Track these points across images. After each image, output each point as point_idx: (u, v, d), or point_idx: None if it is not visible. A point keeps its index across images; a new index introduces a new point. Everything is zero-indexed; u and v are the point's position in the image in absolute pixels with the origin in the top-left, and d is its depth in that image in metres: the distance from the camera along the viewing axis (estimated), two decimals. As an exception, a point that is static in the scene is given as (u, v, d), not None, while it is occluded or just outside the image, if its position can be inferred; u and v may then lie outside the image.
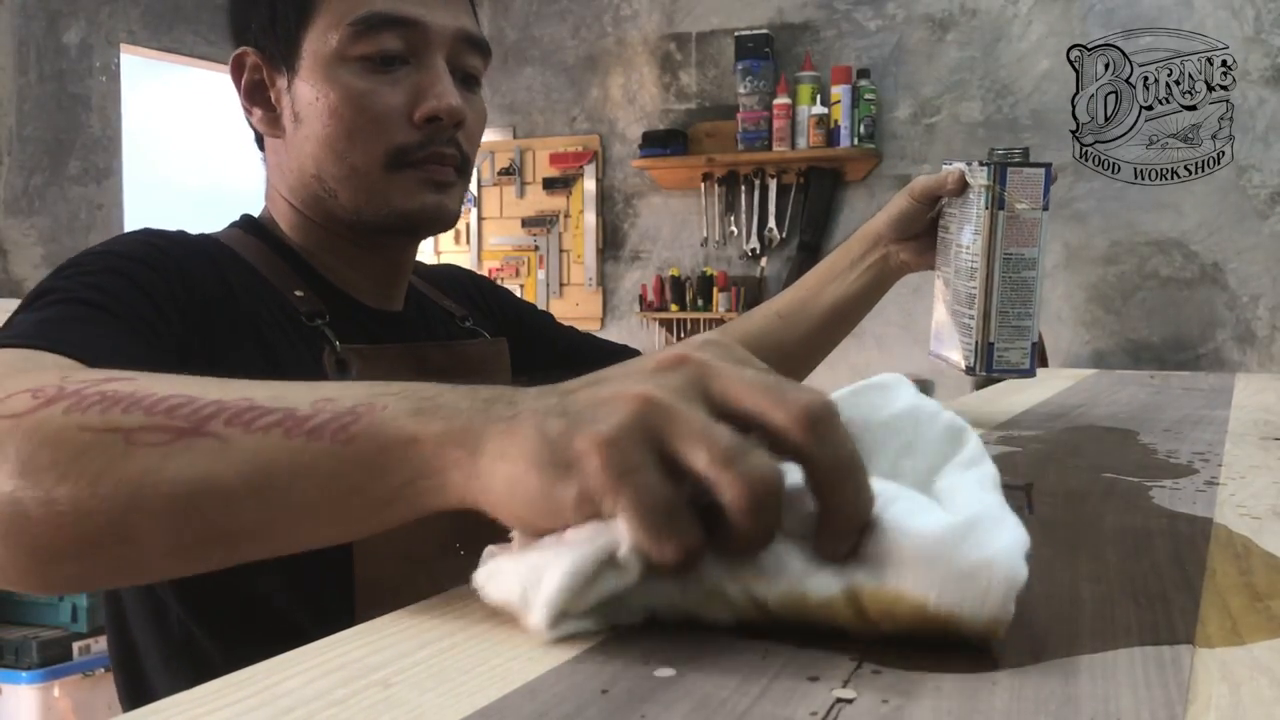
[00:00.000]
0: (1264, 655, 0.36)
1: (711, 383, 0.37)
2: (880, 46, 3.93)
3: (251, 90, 0.86)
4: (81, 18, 3.45)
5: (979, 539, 0.34)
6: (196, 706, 0.31)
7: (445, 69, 0.83)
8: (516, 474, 0.36)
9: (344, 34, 0.80)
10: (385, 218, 0.83)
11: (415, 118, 0.82)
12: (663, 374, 0.37)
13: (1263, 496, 0.66)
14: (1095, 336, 3.71)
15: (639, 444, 0.35)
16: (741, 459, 0.34)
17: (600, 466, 0.34)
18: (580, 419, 0.36)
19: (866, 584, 0.35)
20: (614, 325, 4.44)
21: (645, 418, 0.35)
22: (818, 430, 0.35)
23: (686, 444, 0.35)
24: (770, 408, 0.36)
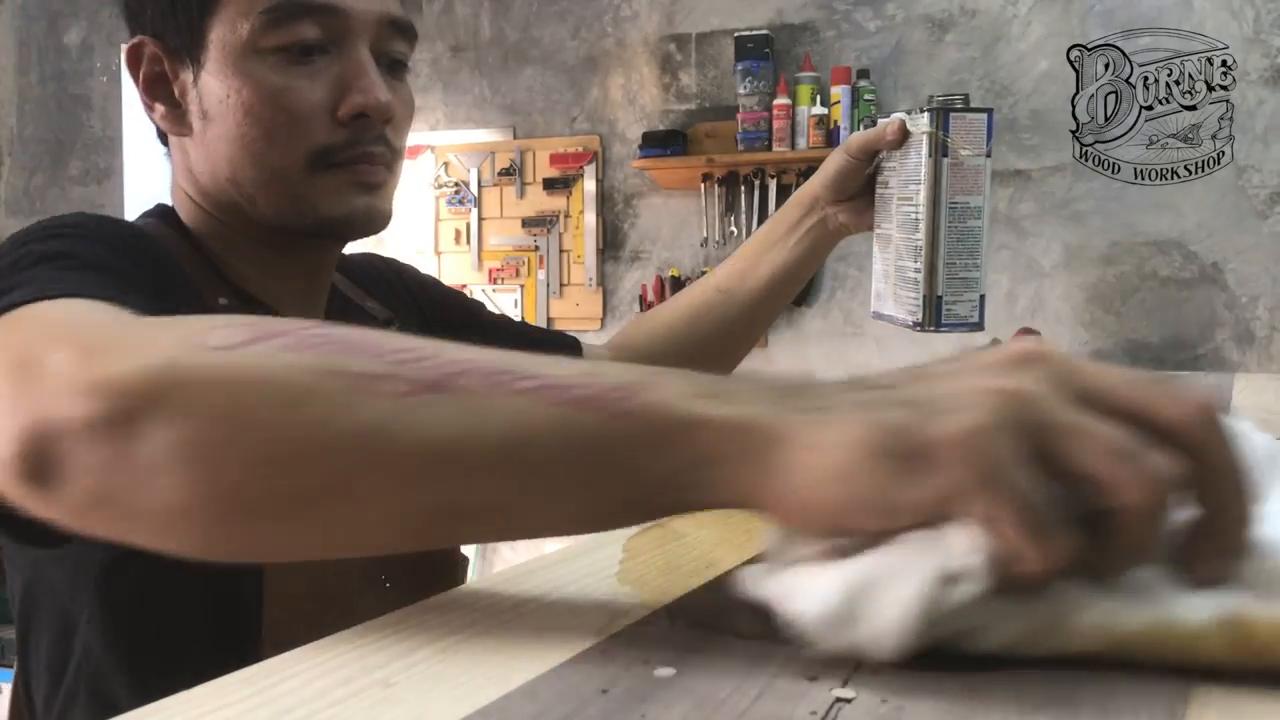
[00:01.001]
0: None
1: (1079, 379, 0.32)
2: (880, 47, 3.93)
3: (151, 83, 0.78)
4: (82, 18, 3.45)
5: None
6: (196, 706, 0.31)
7: (370, 59, 0.76)
8: (841, 465, 0.31)
9: (255, 22, 0.73)
10: (311, 224, 0.77)
11: (340, 114, 0.75)
12: (1019, 368, 0.33)
13: (1262, 497, 0.66)
14: (1095, 337, 3.71)
15: (1013, 438, 0.30)
16: (1141, 456, 0.30)
17: (968, 461, 0.30)
18: (934, 408, 0.31)
19: (1255, 610, 0.31)
20: (614, 325, 4.44)
21: (1017, 409, 0.31)
22: (1214, 425, 0.32)
23: (1071, 440, 0.30)
24: (1159, 403, 0.32)
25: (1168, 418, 0.32)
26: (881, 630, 0.31)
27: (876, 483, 0.31)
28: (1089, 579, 0.32)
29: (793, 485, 0.32)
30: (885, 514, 0.31)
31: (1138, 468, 0.30)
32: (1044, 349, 0.34)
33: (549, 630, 0.38)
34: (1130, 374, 0.33)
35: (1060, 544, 0.30)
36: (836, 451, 0.32)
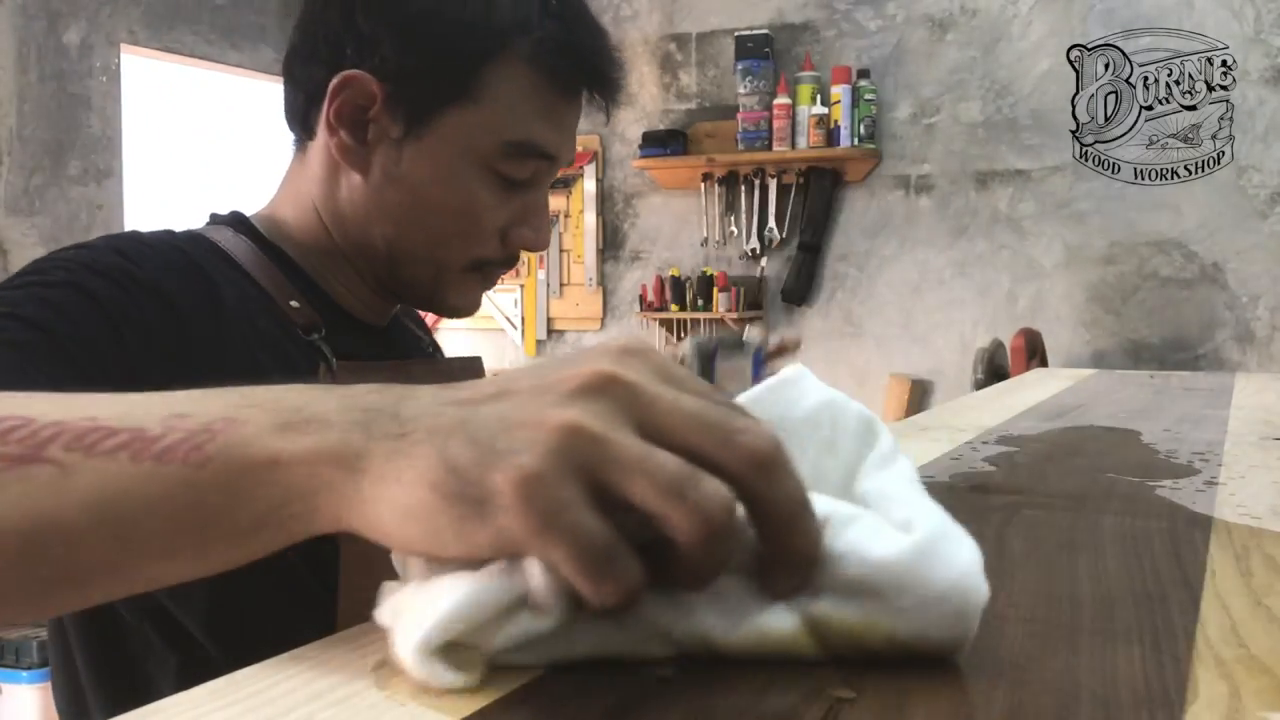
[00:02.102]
0: (1263, 655, 0.36)
1: (644, 411, 0.33)
2: (880, 46, 3.93)
3: (348, 113, 0.79)
4: (82, 18, 3.45)
5: (942, 560, 0.33)
6: (196, 706, 0.31)
7: (548, 198, 0.85)
8: (415, 502, 0.32)
9: (495, 144, 0.79)
10: (427, 302, 0.86)
11: (508, 239, 0.83)
12: (585, 396, 0.33)
13: (1262, 496, 0.66)
14: (1095, 336, 3.71)
15: (567, 479, 0.31)
16: (692, 487, 0.31)
17: (523, 507, 0.30)
18: (493, 447, 0.31)
19: (831, 615, 0.33)
20: (614, 325, 4.44)
21: (570, 448, 0.31)
22: (768, 473, 0.33)
23: (624, 475, 0.31)
24: (714, 447, 0.32)
25: (721, 463, 0.32)
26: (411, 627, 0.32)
27: (445, 523, 0.32)
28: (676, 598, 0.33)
29: (376, 517, 0.33)
30: (458, 553, 0.32)
31: (687, 501, 0.31)
32: (615, 372, 0.33)
33: (549, 630, 0.38)
34: (697, 406, 0.33)
35: (619, 578, 0.31)
36: (407, 490, 0.32)
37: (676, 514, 0.31)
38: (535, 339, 4.54)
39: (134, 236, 0.76)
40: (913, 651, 0.33)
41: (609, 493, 0.31)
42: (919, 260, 3.90)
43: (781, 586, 0.33)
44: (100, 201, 3.50)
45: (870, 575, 0.33)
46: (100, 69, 3.51)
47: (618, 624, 0.33)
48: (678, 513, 0.31)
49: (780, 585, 0.33)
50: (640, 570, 0.32)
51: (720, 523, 0.31)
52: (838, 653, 0.34)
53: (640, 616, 0.33)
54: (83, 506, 0.35)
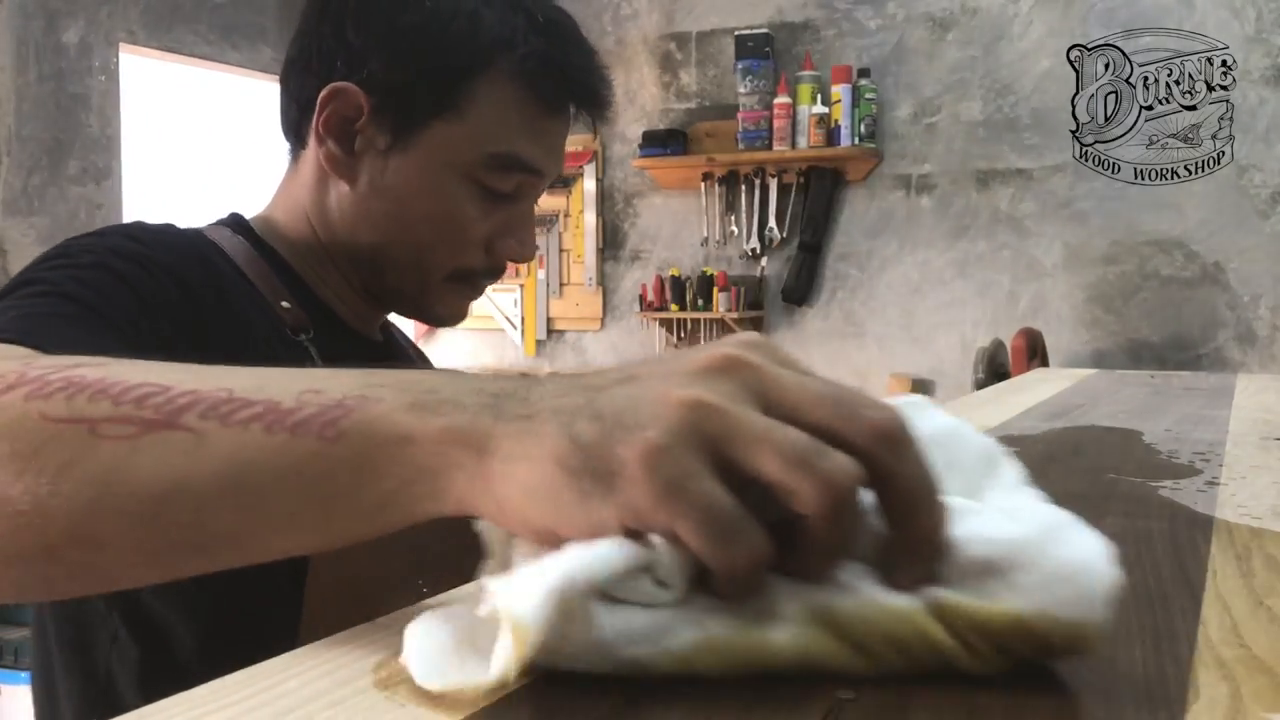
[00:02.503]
0: (1265, 656, 0.36)
1: (769, 389, 0.33)
2: (880, 46, 3.93)
3: (336, 124, 0.81)
4: (81, 17, 3.45)
5: (1069, 541, 0.32)
6: (196, 707, 0.31)
7: (533, 211, 0.87)
8: (541, 479, 0.32)
9: (479, 156, 0.80)
10: (412, 310, 0.87)
11: (493, 250, 0.84)
12: (711, 376, 0.33)
13: (1264, 497, 0.66)
14: (1096, 336, 3.71)
15: (692, 450, 0.31)
16: (819, 458, 0.31)
17: (648, 478, 0.31)
18: (619, 422, 0.32)
19: (951, 599, 0.32)
20: (614, 325, 4.44)
21: (698, 421, 0.31)
22: (895, 448, 0.32)
23: (751, 449, 0.31)
24: (842, 422, 0.32)
25: (848, 438, 0.32)
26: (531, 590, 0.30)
27: (570, 499, 0.32)
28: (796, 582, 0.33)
29: (502, 497, 0.33)
30: (582, 528, 0.32)
31: (816, 473, 0.31)
32: (738, 354, 0.34)
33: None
34: (823, 387, 0.33)
35: (746, 547, 0.31)
36: (534, 466, 0.32)
37: (803, 485, 0.31)
38: (535, 339, 4.54)
39: (143, 226, 0.77)
40: (1043, 639, 0.31)
41: (735, 468, 0.31)
42: (919, 260, 3.90)
43: (906, 573, 0.33)
44: (99, 201, 3.50)
45: (994, 554, 0.32)
46: (99, 69, 3.51)
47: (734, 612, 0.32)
48: (805, 484, 0.31)
49: (905, 571, 0.33)
50: (767, 541, 0.31)
51: (847, 494, 0.31)
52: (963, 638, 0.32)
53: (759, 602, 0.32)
54: (214, 474, 0.36)
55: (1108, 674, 0.34)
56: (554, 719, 0.30)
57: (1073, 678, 0.33)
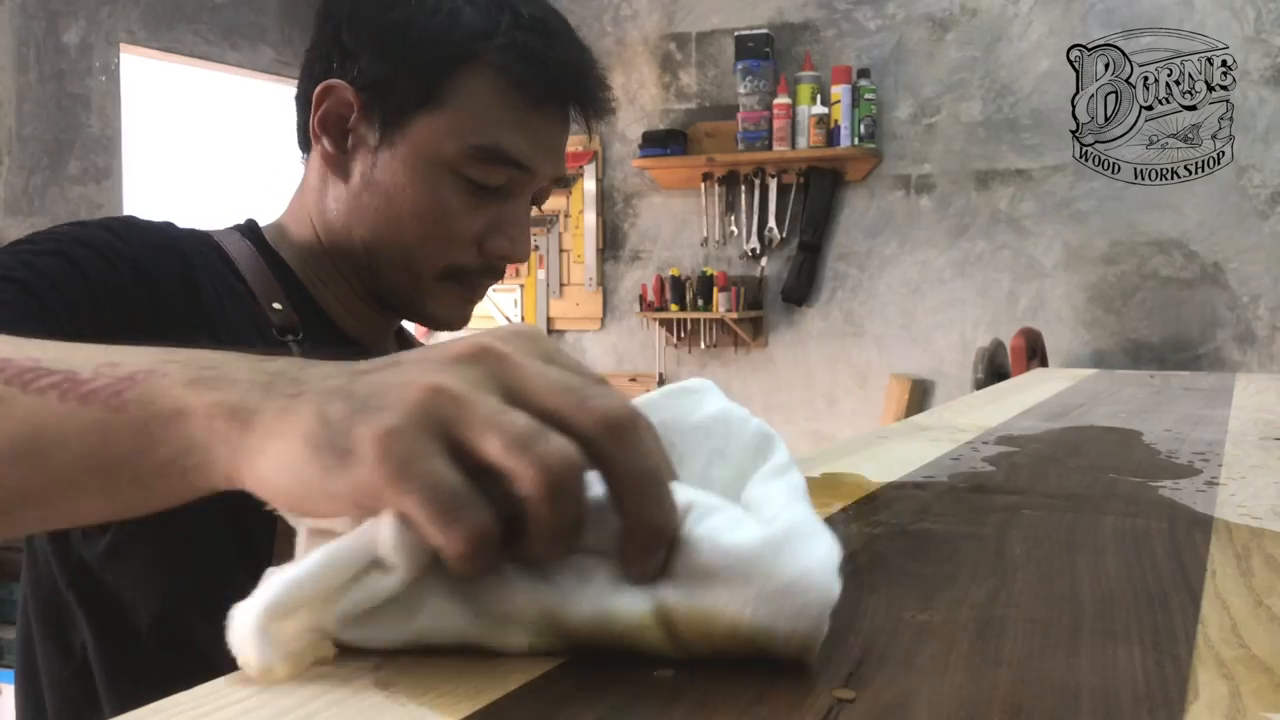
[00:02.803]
0: (1264, 655, 0.36)
1: (510, 377, 0.35)
2: (880, 46, 3.93)
3: (330, 121, 0.84)
4: (81, 17, 3.45)
5: (794, 553, 0.32)
6: (196, 706, 0.31)
7: (528, 210, 0.86)
8: (288, 454, 0.34)
9: (463, 149, 0.81)
10: (413, 315, 0.87)
11: (485, 249, 0.84)
12: (459, 364, 0.35)
13: (1263, 496, 0.66)
14: (1095, 336, 3.71)
15: (424, 433, 0.32)
16: (538, 441, 0.32)
17: (380, 456, 0.32)
18: (365, 404, 0.33)
19: (678, 603, 0.33)
20: (614, 325, 4.44)
21: (433, 407, 0.33)
22: (620, 436, 0.33)
23: (477, 431, 0.33)
24: (569, 409, 0.34)
25: (574, 424, 0.33)
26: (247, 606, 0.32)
27: (312, 473, 0.33)
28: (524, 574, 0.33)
29: (260, 470, 0.35)
30: (324, 501, 0.33)
31: (533, 455, 0.32)
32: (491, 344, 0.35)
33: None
34: (559, 376, 0.35)
35: (470, 523, 0.32)
36: (285, 442, 0.34)
37: (519, 466, 0.32)
38: (535, 339, 4.54)
39: (128, 219, 0.79)
40: (761, 647, 0.32)
41: (466, 451, 0.33)
42: (919, 260, 3.90)
43: (634, 562, 0.33)
44: (100, 201, 3.50)
45: (720, 562, 0.32)
46: (100, 69, 3.51)
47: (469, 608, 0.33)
48: (521, 465, 0.32)
49: (633, 560, 0.33)
50: (491, 519, 0.32)
51: (563, 477, 0.32)
52: (686, 645, 0.33)
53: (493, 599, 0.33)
54: (8, 436, 0.38)
55: (1107, 674, 0.34)
56: (555, 718, 0.30)
57: (1073, 678, 0.33)
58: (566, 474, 0.32)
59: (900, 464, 0.76)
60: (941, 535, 0.54)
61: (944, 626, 0.38)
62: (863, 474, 0.71)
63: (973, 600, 0.42)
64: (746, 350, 4.19)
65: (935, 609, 0.41)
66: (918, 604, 0.41)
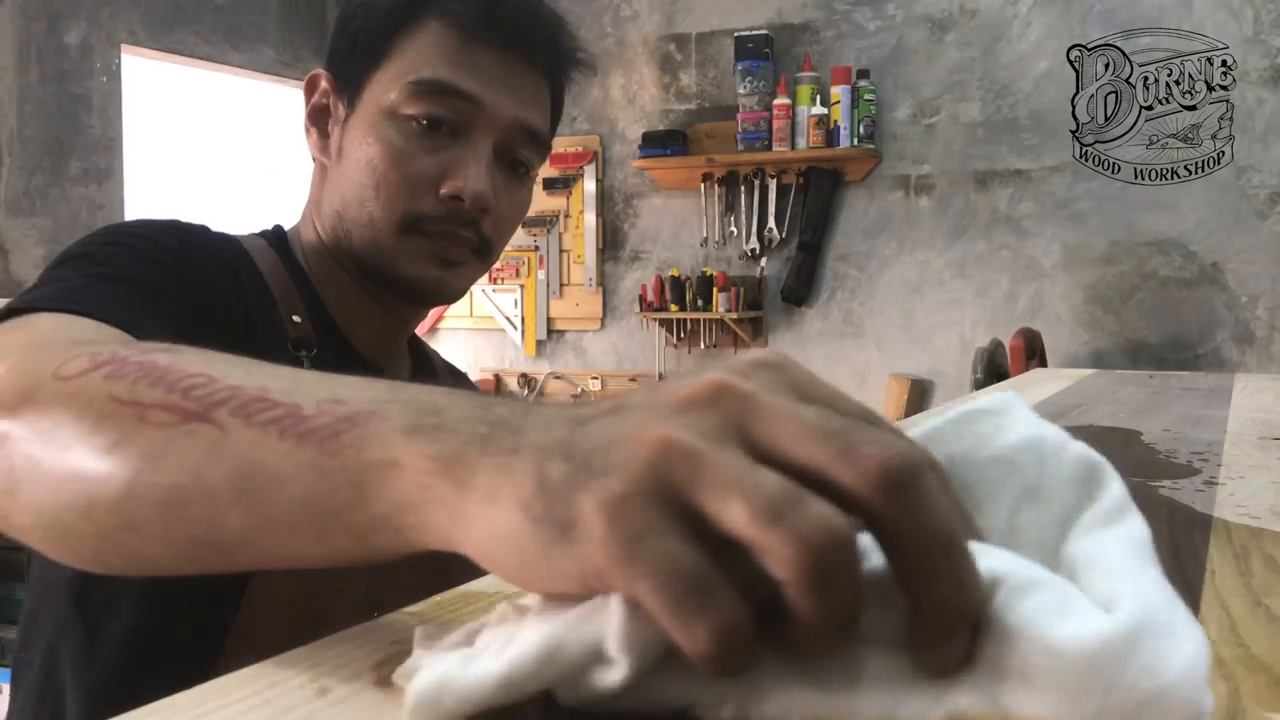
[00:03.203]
0: (1263, 655, 0.36)
1: (756, 423, 0.29)
2: (880, 47, 3.93)
3: (316, 113, 0.87)
4: (83, 18, 3.45)
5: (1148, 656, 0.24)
6: (196, 706, 0.31)
7: (487, 152, 0.83)
8: (506, 525, 0.29)
9: (403, 91, 0.81)
10: (387, 277, 0.85)
11: (440, 191, 0.82)
12: (692, 409, 0.29)
13: (1262, 496, 0.66)
14: (1094, 336, 3.71)
15: (656, 501, 0.27)
16: (794, 508, 0.26)
17: (606, 532, 0.27)
18: (588, 465, 0.28)
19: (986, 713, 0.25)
20: (614, 325, 4.44)
21: (664, 467, 0.27)
22: (901, 493, 0.26)
23: (719, 497, 0.27)
24: (833, 461, 0.27)
25: (841, 481, 0.27)
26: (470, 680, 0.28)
27: (532, 549, 0.29)
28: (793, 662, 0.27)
29: (476, 539, 0.31)
30: (546, 580, 0.29)
31: (791, 526, 0.26)
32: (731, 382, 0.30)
33: (549, 630, 0.38)
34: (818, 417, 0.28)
35: (714, 615, 0.26)
36: (502, 510, 0.30)
37: (772, 542, 0.26)
38: (535, 339, 4.54)
39: (178, 224, 0.80)
40: None
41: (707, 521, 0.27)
42: (919, 260, 3.90)
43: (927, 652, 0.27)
44: (101, 202, 3.50)
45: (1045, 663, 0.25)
46: (101, 69, 3.51)
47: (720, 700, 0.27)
48: (774, 540, 0.26)
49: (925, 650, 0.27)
50: (742, 609, 0.26)
51: (829, 553, 0.26)
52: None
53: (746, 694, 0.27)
54: (227, 474, 0.36)
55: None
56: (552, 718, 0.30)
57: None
58: (833, 550, 0.26)
59: (900, 464, 0.76)
60: (941, 535, 0.54)
61: (943, 626, 0.38)
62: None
63: (972, 600, 0.42)
64: (746, 350, 4.19)
65: (934, 609, 0.41)
66: (917, 604, 0.41)
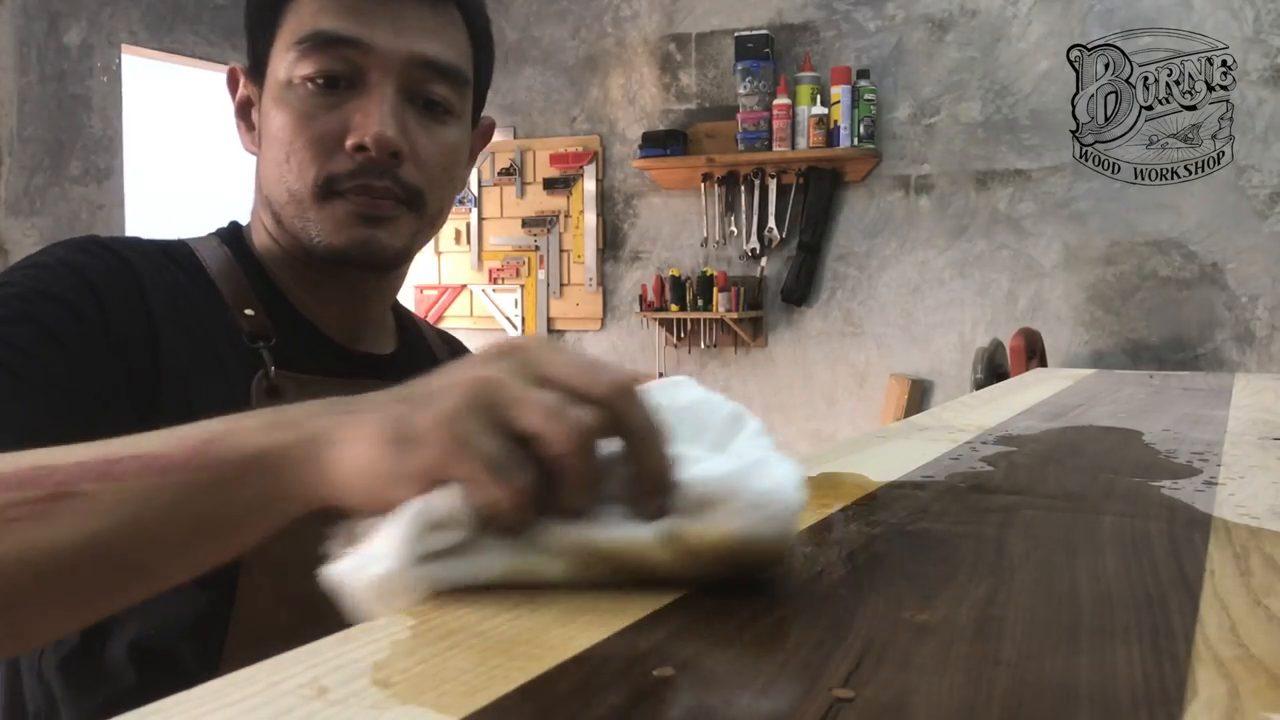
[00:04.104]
0: (1263, 655, 0.36)
1: (536, 365, 0.42)
2: (880, 47, 3.93)
3: (241, 107, 0.86)
4: (83, 18, 3.45)
5: (761, 474, 0.41)
6: (196, 706, 0.31)
7: (390, 96, 0.78)
8: (363, 453, 0.41)
9: (293, 54, 0.78)
10: (315, 249, 0.80)
11: (346, 145, 0.78)
12: (494, 360, 0.43)
13: (1262, 496, 0.67)
14: (1094, 336, 3.71)
15: (475, 415, 0.40)
16: (565, 411, 0.40)
17: (440, 438, 0.40)
18: (423, 401, 0.41)
19: (680, 526, 0.41)
20: (614, 325, 4.44)
21: (480, 394, 0.41)
22: (629, 400, 0.42)
23: (516, 409, 0.40)
24: (586, 384, 0.42)
25: (594, 393, 0.42)
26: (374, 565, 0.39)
27: (386, 463, 0.41)
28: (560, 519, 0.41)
29: (341, 473, 0.42)
30: (397, 483, 0.41)
31: (563, 422, 0.40)
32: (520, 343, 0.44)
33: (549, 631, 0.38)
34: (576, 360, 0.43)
35: (519, 484, 0.40)
36: (360, 444, 0.42)
37: (551, 430, 0.40)
38: (535, 339, 4.54)
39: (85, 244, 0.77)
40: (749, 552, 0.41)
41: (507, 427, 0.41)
42: (919, 260, 3.90)
43: (646, 502, 0.41)
44: (101, 201, 3.50)
45: (706, 490, 0.41)
46: (101, 69, 3.51)
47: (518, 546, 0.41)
48: (552, 428, 0.40)
49: (645, 501, 0.41)
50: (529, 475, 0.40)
51: (587, 435, 0.40)
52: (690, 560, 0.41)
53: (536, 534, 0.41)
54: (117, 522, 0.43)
55: (1107, 673, 0.34)
56: (554, 717, 0.30)
57: (1073, 677, 0.33)
58: (589, 434, 0.40)
59: (900, 464, 0.76)
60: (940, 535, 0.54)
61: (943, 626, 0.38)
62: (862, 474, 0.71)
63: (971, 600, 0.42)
64: (746, 350, 4.19)
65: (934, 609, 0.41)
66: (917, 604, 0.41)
